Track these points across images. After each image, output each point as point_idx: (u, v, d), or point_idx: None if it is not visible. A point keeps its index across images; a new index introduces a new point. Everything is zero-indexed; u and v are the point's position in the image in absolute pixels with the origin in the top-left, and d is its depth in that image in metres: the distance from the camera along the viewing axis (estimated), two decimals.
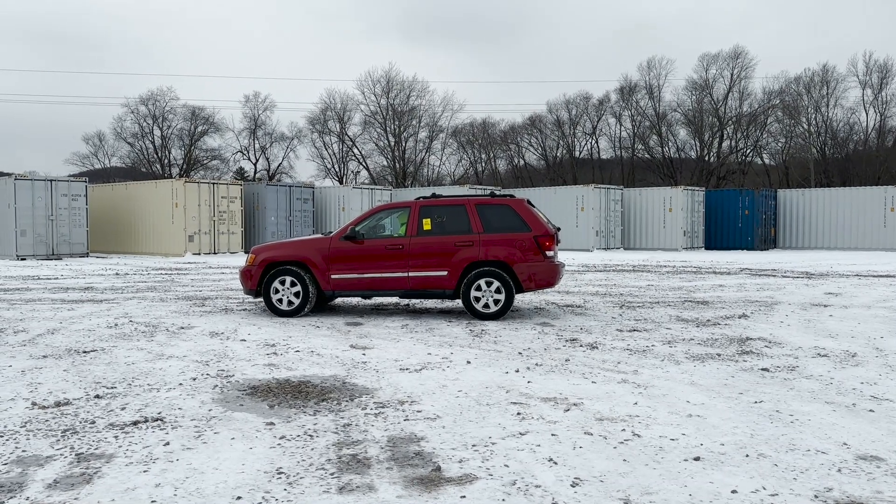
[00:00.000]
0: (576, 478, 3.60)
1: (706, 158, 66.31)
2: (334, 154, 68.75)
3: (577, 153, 73.21)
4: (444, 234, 9.22)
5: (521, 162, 76.19)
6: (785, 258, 24.76)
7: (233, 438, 4.25)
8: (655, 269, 19.22)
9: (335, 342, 7.50)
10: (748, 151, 68.17)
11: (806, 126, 66.27)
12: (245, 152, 66.21)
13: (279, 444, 4.14)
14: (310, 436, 4.30)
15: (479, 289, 9.03)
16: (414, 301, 11.16)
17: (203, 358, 6.65)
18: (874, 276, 15.96)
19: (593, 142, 72.49)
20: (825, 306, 10.44)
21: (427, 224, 9.25)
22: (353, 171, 69.36)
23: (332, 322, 8.95)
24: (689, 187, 33.87)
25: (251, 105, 64.96)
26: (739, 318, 9.28)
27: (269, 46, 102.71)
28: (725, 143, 66.90)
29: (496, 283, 8.99)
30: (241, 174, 64.84)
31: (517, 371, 6.01)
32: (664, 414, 4.73)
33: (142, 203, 28.72)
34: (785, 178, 64.50)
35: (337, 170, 68.56)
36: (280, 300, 9.33)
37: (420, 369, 6.12)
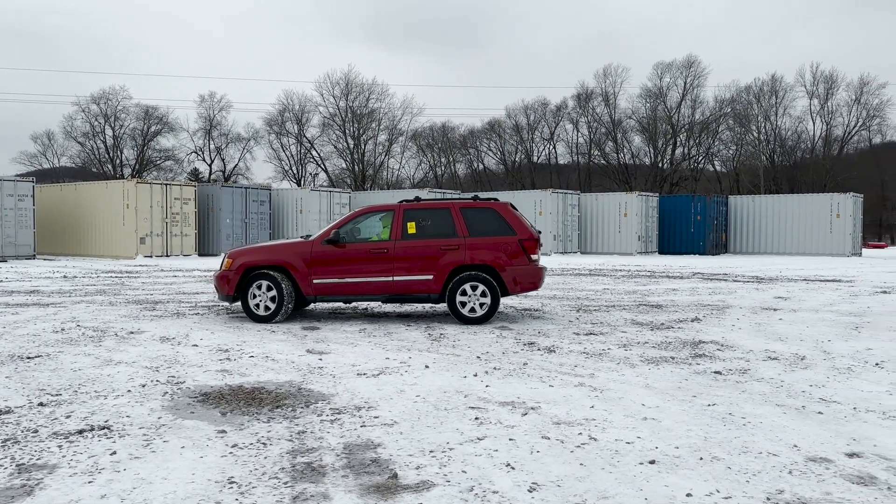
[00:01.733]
0: (533, 483, 3.59)
1: (660, 165, 67.61)
2: (292, 156, 68.08)
3: (535, 158, 73.89)
4: (429, 237, 9.14)
5: (481, 166, 76.56)
6: (735, 263, 25.37)
7: (183, 447, 4.13)
8: (611, 273, 19.48)
9: (291, 347, 7.38)
10: (700, 158, 69.72)
11: (756, 134, 68.09)
12: (200, 153, 65.06)
13: (231, 453, 4.03)
14: (263, 444, 4.20)
15: (464, 293, 8.98)
16: (372, 305, 11.07)
17: (153, 364, 6.46)
18: (821, 281, 16.45)
19: (551, 147, 73.27)
20: (775, 310, 10.70)
21: (412, 227, 9.16)
22: (311, 174, 68.77)
23: (289, 326, 8.81)
24: (644, 193, 34.46)
25: (207, 105, 63.93)
26: (692, 321, 9.44)
27: (227, 46, 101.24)
28: (678, 150, 68.33)
29: (482, 287, 8.95)
30: (195, 175, 63.62)
31: (475, 375, 6.00)
32: (620, 417, 4.76)
33: (92, 204, 27.93)
34: (735, 185, 66.18)
35: (295, 172, 67.88)
36: (258, 305, 9.06)
37: (378, 374, 6.05)
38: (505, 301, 11.59)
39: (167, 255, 27.03)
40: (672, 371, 6.25)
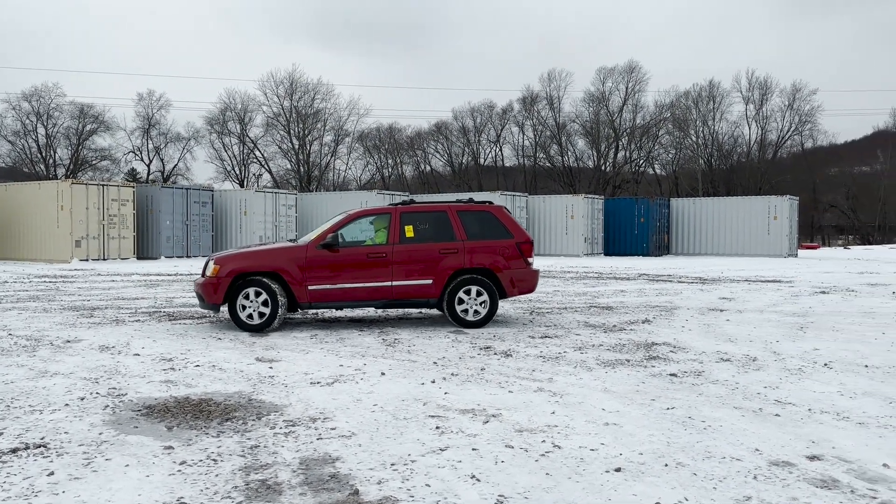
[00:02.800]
0: (500, 495, 3.48)
1: (603, 168, 68.86)
2: (234, 156, 66.65)
3: (482, 160, 74.26)
4: (427, 241, 9.01)
5: (428, 168, 76.52)
6: (678, 264, 25.94)
7: (127, 465, 3.87)
8: (560, 274, 19.63)
9: (239, 355, 7.10)
10: (641, 162, 71.33)
11: (694, 138, 70.03)
12: (138, 153, 63.05)
13: (179, 471, 3.80)
14: (213, 460, 3.97)
15: (462, 297, 8.91)
16: (322, 311, 10.82)
17: (92, 375, 6.11)
18: (762, 282, 16.92)
19: (497, 149, 73.77)
20: (721, 311, 10.91)
21: (409, 231, 8.99)
22: (254, 174, 67.46)
23: (236, 333, 8.51)
24: (590, 195, 34.96)
25: (145, 104, 62.00)
26: (643, 322, 9.53)
27: (166, 44, 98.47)
28: (621, 154, 69.72)
29: (480, 290, 8.93)
30: (133, 176, 61.62)
31: (433, 382, 5.86)
32: (582, 423, 4.70)
33: (24, 206, 26.67)
34: (675, 188, 67.91)
35: (237, 172, 66.46)
36: (249, 314, 8.56)
37: (332, 382, 5.86)
38: None
39: (104, 259, 26.01)
40: (629, 374, 6.25)
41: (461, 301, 8.91)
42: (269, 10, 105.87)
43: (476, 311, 8.93)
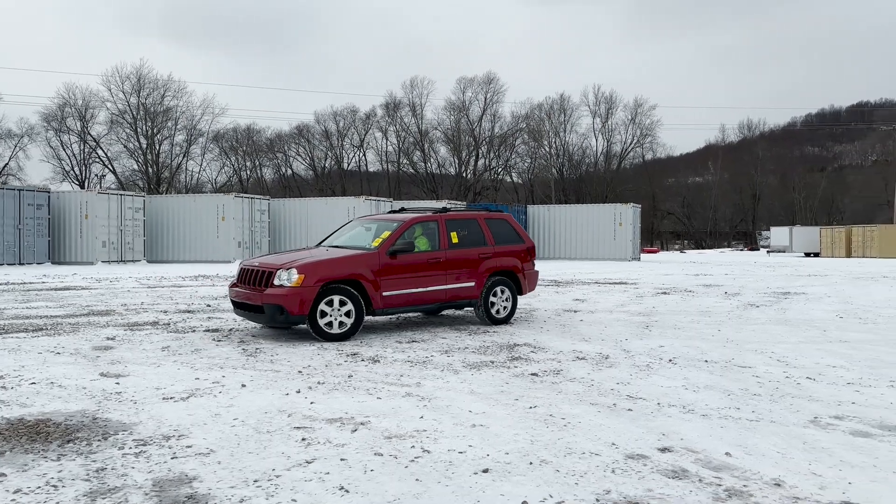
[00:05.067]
0: None
1: (464, 175, 70.48)
2: (74, 155, 61.66)
3: (345, 165, 73.57)
4: (468, 246, 9.74)
5: (289, 171, 74.70)
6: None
7: None
8: None
9: (81, 370, 6.52)
10: (500, 170, 73.76)
11: (547, 149, 73.45)
12: None
13: (14, 500, 3.41)
14: (54, 486, 3.60)
15: (494, 296, 9.87)
16: (175, 320, 10.21)
17: None
18: (610, 283, 17.99)
19: (361, 154, 73.40)
20: (575, 312, 11.46)
21: (455, 237, 9.66)
22: (97, 175, 62.63)
23: (77, 346, 7.81)
24: (453, 201, 35.64)
25: None
26: (504, 325, 9.80)
27: None
28: (481, 162, 71.70)
29: (505, 290, 9.98)
30: None
31: (298, 392, 5.68)
32: (450, 426, 4.73)
33: None
34: (531, 195, 70.84)
35: (77, 173, 61.51)
36: (330, 323, 8.25)
37: (187, 397, 5.51)
38: None
39: None
40: (493, 375, 6.38)
41: (492, 301, 9.85)
42: (113, 2, 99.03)
43: (504, 309, 9.99)
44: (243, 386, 5.89)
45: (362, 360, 7.07)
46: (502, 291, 9.94)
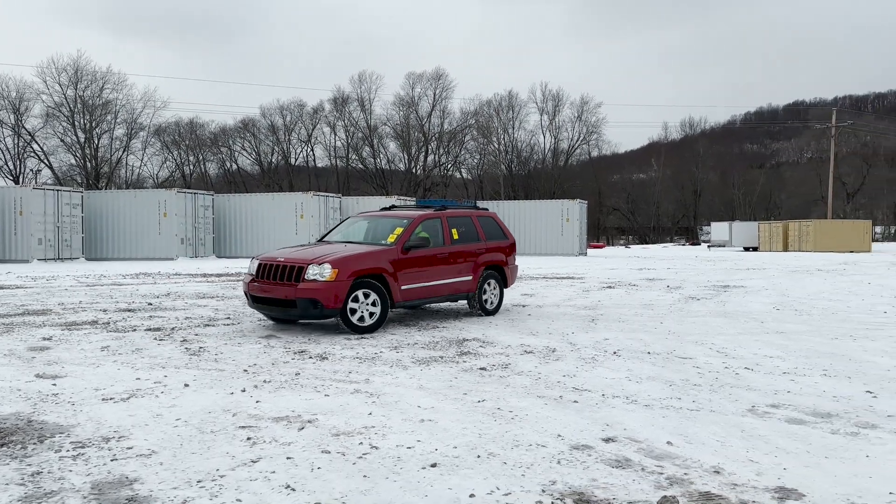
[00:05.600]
0: (316, 503, 3.39)
1: (414, 171, 70.32)
2: (8, 150, 59.12)
3: (292, 160, 72.58)
4: (466, 242, 10.22)
5: (234, 166, 73.30)
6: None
7: None
8: None
9: (15, 371, 6.27)
10: (450, 166, 73.85)
11: (496, 145, 73.90)
12: None
13: None
14: None
15: (485, 289, 10.40)
16: (115, 319, 9.91)
17: None
18: (557, 278, 18.24)
19: (309, 149, 72.52)
20: (524, 306, 11.58)
21: (455, 234, 10.10)
22: (32, 170, 60.25)
23: (11, 347, 7.51)
24: (402, 197, 35.53)
25: None
26: (454, 319, 9.85)
27: None
28: (431, 157, 71.67)
29: (494, 283, 10.55)
30: None
31: (244, 391, 5.58)
32: (398, 422, 4.73)
33: None
34: (480, 191, 71.17)
35: (11, 168, 59.04)
36: (362, 317, 8.58)
37: (128, 398, 5.36)
38: None
39: None
40: (442, 370, 6.40)
41: (484, 293, 10.38)
42: None
43: (493, 300, 10.57)
44: (186, 385, 5.76)
45: (310, 358, 7.00)
46: (490, 285, 10.49)
